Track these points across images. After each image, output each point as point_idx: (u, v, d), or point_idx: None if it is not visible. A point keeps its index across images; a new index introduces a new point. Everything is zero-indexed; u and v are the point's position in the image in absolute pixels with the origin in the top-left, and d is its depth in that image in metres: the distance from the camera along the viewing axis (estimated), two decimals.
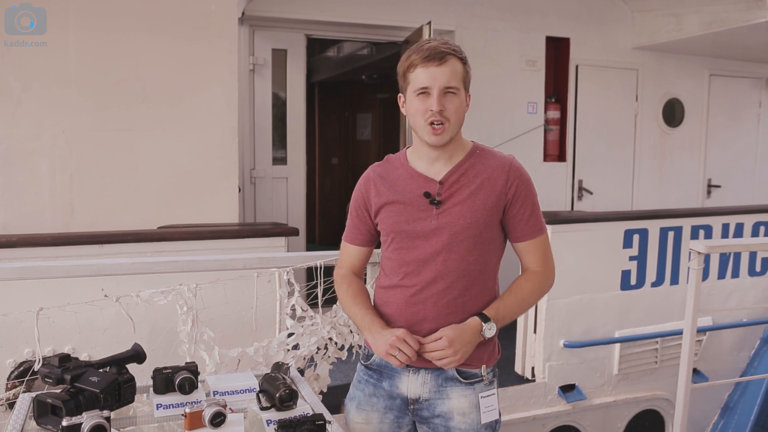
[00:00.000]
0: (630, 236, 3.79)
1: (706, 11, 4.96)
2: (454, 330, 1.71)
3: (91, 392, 1.55)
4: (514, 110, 5.30)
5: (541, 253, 1.85)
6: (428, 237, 1.77)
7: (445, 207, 1.77)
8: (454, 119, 1.73)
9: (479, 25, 5.10)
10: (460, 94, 1.73)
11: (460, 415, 1.79)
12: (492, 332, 1.75)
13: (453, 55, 1.72)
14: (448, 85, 1.71)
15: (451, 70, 1.71)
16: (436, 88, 1.70)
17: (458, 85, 1.72)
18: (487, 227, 1.77)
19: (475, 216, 1.75)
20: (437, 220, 1.76)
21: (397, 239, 1.82)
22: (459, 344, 1.69)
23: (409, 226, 1.78)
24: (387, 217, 1.82)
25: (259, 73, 4.66)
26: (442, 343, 1.69)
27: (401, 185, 1.82)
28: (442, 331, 1.72)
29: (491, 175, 1.78)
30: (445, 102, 1.71)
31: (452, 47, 1.73)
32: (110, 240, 2.76)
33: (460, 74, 1.73)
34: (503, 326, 1.81)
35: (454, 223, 1.75)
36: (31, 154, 3.34)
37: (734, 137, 6.43)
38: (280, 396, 1.66)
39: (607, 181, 5.78)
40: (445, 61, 1.70)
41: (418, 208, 1.78)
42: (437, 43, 1.73)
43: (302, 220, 4.90)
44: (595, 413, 3.79)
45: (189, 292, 2.30)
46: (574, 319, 3.67)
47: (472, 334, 1.73)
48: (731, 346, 4.22)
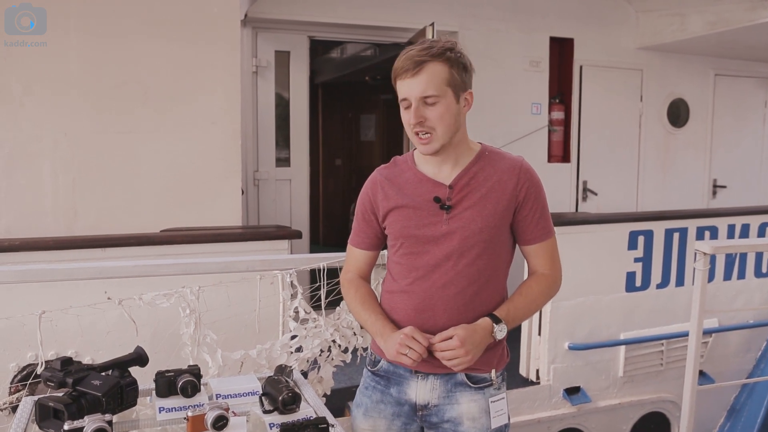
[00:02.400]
0: (635, 238, 3.78)
1: (710, 11, 4.94)
2: (465, 330, 1.68)
3: (94, 396, 1.54)
4: (518, 111, 5.29)
5: (550, 256, 1.82)
6: (439, 242, 1.74)
7: (456, 211, 1.73)
8: (441, 127, 1.67)
9: (482, 26, 5.09)
10: (443, 100, 1.66)
11: (470, 420, 1.76)
12: (503, 334, 1.72)
13: (431, 61, 1.64)
14: (424, 95, 1.64)
15: (428, 77, 1.64)
16: (413, 100, 1.66)
17: (437, 91, 1.65)
18: (498, 231, 1.74)
19: (487, 220, 1.72)
20: (448, 224, 1.73)
21: (407, 244, 1.78)
22: (470, 344, 1.66)
23: (419, 231, 1.75)
24: (395, 222, 1.79)
25: (262, 75, 4.66)
26: (454, 342, 1.65)
27: (410, 189, 1.79)
28: (453, 330, 1.68)
29: (501, 178, 1.75)
30: (426, 112, 1.66)
31: (432, 51, 1.64)
32: (112, 243, 2.76)
33: (442, 79, 1.65)
34: (512, 328, 1.78)
35: (465, 227, 1.72)
36: (33, 157, 3.34)
37: (740, 137, 6.40)
38: (283, 399, 1.65)
39: (612, 181, 5.77)
40: (420, 70, 1.63)
41: (429, 213, 1.75)
42: (416, 50, 1.66)
43: (306, 221, 4.90)
44: (600, 416, 3.77)
45: (192, 294, 2.30)
46: (579, 321, 3.66)
47: (483, 335, 1.70)
48: (737, 347, 4.20)
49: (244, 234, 3.11)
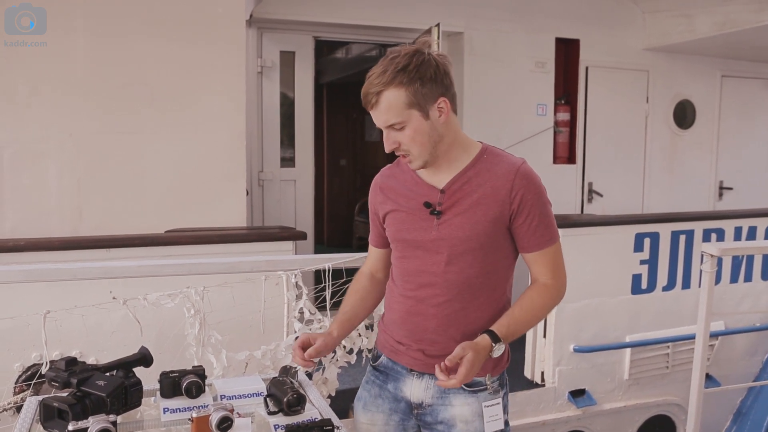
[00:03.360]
0: (641, 240, 3.76)
1: (718, 12, 4.92)
2: (474, 353, 1.57)
3: (98, 396, 1.54)
4: (523, 112, 5.27)
5: (552, 265, 1.73)
6: (428, 248, 1.71)
7: (446, 218, 1.69)
8: (415, 148, 1.64)
9: (488, 27, 5.07)
10: (409, 123, 1.61)
11: (463, 423, 1.75)
12: (500, 353, 1.65)
13: (384, 90, 1.58)
14: (387, 124, 1.63)
15: (386, 106, 1.60)
16: (382, 128, 1.66)
17: (399, 118, 1.60)
18: (489, 239, 1.68)
19: (475, 228, 1.67)
20: (437, 231, 1.69)
21: (400, 247, 1.78)
22: (475, 368, 1.58)
23: (410, 236, 1.74)
24: (391, 224, 1.79)
25: (267, 75, 4.66)
26: (462, 371, 1.55)
27: (405, 192, 1.77)
28: (461, 350, 1.57)
29: (495, 184, 1.68)
30: (397, 136, 1.64)
31: (384, 78, 1.58)
32: (117, 244, 2.77)
33: (400, 104, 1.59)
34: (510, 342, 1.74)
35: (452, 235, 1.68)
36: (38, 157, 3.35)
37: (746, 139, 6.36)
38: (288, 400, 1.65)
39: (618, 183, 5.74)
40: (377, 101, 1.60)
41: (420, 217, 1.72)
42: (373, 76, 1.60)
43: (310, 222, 4.90)
44: (605, 418, 3.76)
45: (196, 295, 2.30)
46: (585, 324, 3.64)
47: (484, 356, 1.62)
48: (744, 350, 4.18)
49: (249, 235, 3.11)
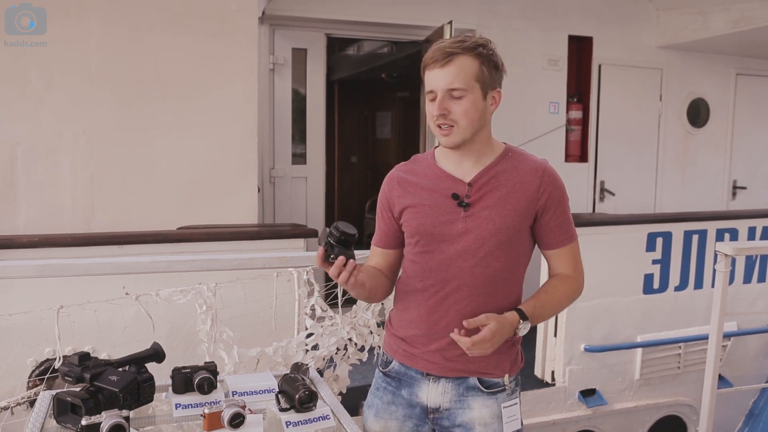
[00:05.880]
0: (653, 239, 3.73)
1: (734, 9, 4.86)
2: (497, 323, 1.61)
3: (111, 391, 1.55)
4: (535, 110, 5.25)
5: (573, 260, 1.78)
6: (454, 241, 1.70)
7: (474, 210, 1.69)
8: (464, 121, 1.64)
9: (501, 24, 5.05)
10: (469, 95, 1.63)
11: (482, 426, 1.74)
12: (525, 331, 1.68)
13: (462, 54, 1.61)
14: (450, 87, 1.62)
15: (458, 70, 1.61)
16: (439, 91, 1.63)
17: (465, 85, 1.62)
18: (515, 233, 1.70)
19: (504, 221, 1.68)
20: (465, 223, 1.69)
21: (422, 242, 1.75)
22: (498, 338, 1.62)
23: (435, 229, 1.71)
24: (412, 219, 1.75)
25: (279, 72, 4.66)
26: (485, 334, 1.58)
27: (428, 185, 1.75)
28: (486, 318, 1.61)
29: (523, 180, 1.71)
30: (451, 105, 1.63)
31: (464, 45, 1.62)
32: (130, 241, 2.77)
33: (471, 73, 1.62)
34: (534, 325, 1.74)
35: (481, 227, 1.68)
36: (52, 152, 3.36)
37: (761, 137, 6.29)
38: (300, 397, 1.65)
39: (630, 182, 5.70)
40: (450, 61, 1.61)
41: (446, 210, 1.71)
42: (448, 42, 1.64)
43: (321, 219, 4.90)
44: (615, 418, 3.74)
45: (208, 291, 2.30)
46: (596, 323, 3.63)
47: (510, 330, 1.65)
48: (756, 351, 4.14)
49: (261, 233, 3.11)
